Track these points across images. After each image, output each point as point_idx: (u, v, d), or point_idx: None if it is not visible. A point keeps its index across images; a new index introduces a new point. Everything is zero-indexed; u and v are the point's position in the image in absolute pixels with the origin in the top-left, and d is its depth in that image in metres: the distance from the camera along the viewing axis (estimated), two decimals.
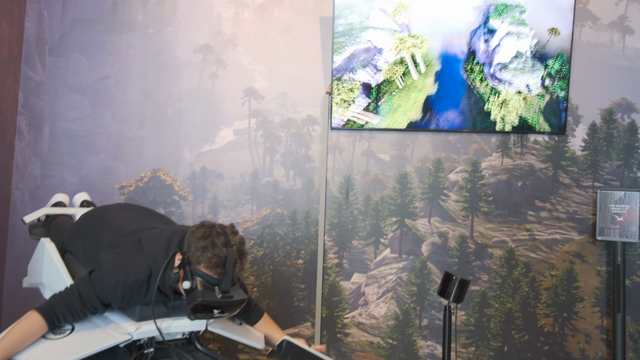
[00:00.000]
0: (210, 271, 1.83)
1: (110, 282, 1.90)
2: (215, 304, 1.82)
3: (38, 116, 3.57)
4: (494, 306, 3.54)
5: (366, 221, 3.60)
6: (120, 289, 1.90)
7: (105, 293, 1.91)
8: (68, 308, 1.88)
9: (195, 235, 1.88)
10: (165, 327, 1.98)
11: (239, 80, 3.64)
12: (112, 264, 1.94)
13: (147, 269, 1.95)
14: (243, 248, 1.93)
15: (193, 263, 1.85)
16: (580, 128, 3.57)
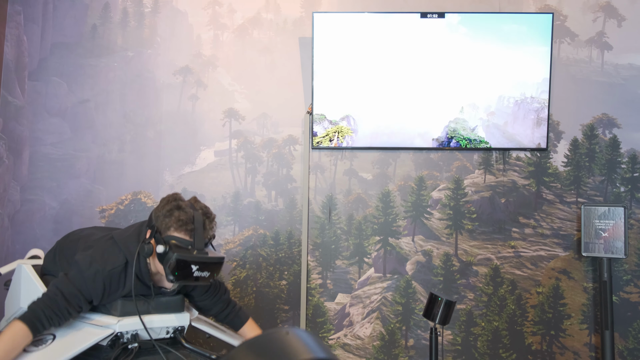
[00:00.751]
0: (181, 232, 1.88)
1: (89, 274, 1.90)
2: (191, 258, 1.84)
3: (17, 140, 3.56)
4: (480, 325, 3.49)
5: (349, 241, 3.57)
6: (99, 278, 1.90)
7: (86, 286, 1.90)
8: (53, 310, 1.85)
9: (160, 206, 1.95)
10: (148, 321, 1.96)
11: (219, 101, 3.63)
12: (89, 259, 1.95)
13: (123, 258, 1.96)
14: (209, 211, 1.99)
15: (163, 231, 1.89)
16: (562, 144, 3.56)
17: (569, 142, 3.55)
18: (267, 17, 3.67)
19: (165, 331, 2.04)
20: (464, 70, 3.42)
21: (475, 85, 3.43)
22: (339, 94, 3.46)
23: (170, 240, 1.86)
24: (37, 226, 3.53)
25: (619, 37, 3.57)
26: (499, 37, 3.40)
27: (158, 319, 2.00)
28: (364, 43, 3.43)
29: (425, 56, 3.43)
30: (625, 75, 3.56)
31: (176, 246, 1.85)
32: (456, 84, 3.43)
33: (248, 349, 1.22)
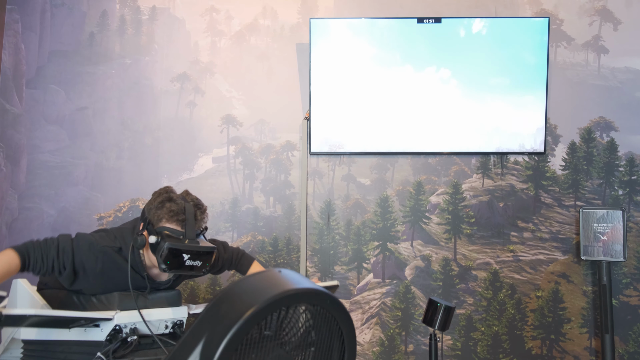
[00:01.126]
0: (172, 222, 1.92)
1: (85, 242, 1.94)
2: (182, 247, 1.87)
3: (15, 148, 3.56)
4: (480, 330, 3.48)
5: (348, 246, 3.57)
6: (93, 249, 1.93)
7: (80, 252, 1.92)
8: (42, 253, 1.89)
9: (152, 199, 2.00)
10: (146, 314, 1.96)
11: (216, 107, 3.64)
12: (86, 234, 2.00)
13: (117, 242, 2.00)
14: (200, 202, 2.04)
15: (155, 222, 1.93)
16: (559, 147, 3.56)
17: (566, 146, 3.55)
18: (264, 24, 3.68)
19: (164, 325, 2.04)
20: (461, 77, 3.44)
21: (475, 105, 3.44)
22: (336, 100, 3.46)
23: (163, 230, 1.90)
24: (35, 234, 3.52)
25: (615, 40, 3.58)
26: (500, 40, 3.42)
27: (156, 313, 2.01)
28: (361, 48, 3.44)
29: (422, 62, 3.44)
30: (622, 78, 3.57)
31: (168, 236, 1.89)
32: (453, 91, 3.44)
33: (245, 282, 1.34)
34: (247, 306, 1.24)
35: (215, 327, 1.23)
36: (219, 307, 1.28)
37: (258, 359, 1.28)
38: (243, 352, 1.23)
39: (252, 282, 1.35)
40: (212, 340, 1.21)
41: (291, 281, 1.36)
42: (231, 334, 1.20)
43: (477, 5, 3.62)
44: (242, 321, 1.21)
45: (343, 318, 1.45)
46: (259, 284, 1.34)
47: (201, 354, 1.21)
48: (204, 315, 1.28)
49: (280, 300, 1.28)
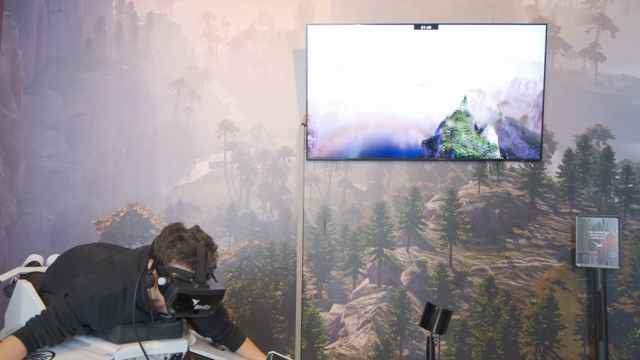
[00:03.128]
0: (183, 264, 1.88)
1: (86, 297, 1.91)
2: (192, 292, 1.84)
3: (14, 154, 3.59)
4: (474, 335, 3.50)
5: (344, 251, 3.58)
6: (96, 303, 1.91)
7: (82, 309, 1.91)
8: (45, 328, 1.88)
9: (162, 236, 1.95)
10: (147, 348, 1.97)
11: (213, 113, 3.65)
12: (87, 282, 1.96)
13: (122, 284, 1.97)
14: (211, 241, 1.99)
15: (165, 262, 1.90)
16: (555, 155, 3.56)
17: (562, 153, 3.55)
18: (260, 30, 3.68)
19: (164, 358, 2.06)
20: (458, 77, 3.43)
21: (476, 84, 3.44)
22: (333, 106, 3.47)
23: (172, 272, 1.87)
24: (33, 238, 3.56)
25: (612, 48, 3.56)
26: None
27: (157, 347, 2.01)
28: (357, 54, 3.43)
29: (419, 67, 3.43)
30: (619, 86, 3.56)
31: (178, 279, 1.86)
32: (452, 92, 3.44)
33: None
34: None
35: None
36: None
37: None
38: None
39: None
40: None
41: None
42: None
43: (473, 12, 3.60)
44: None
45: None
46: None
47: None
48: None
49: None
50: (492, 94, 3.42)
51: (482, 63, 3.41)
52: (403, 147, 3.46)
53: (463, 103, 3.44)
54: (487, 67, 3.41)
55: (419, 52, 3.42)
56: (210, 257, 1.95)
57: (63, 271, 2.31)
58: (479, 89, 3.41)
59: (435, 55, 3.42)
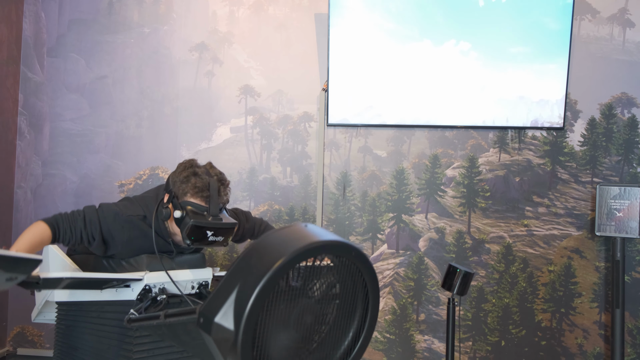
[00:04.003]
0: (197, 198, 1.96)
1: (109, 214, 2.03)
2: (206, 224, 1.93)
3: (38, 116, 3.63)
4: (491, 301, 3.54)
5: (363, 217, 3.61)
6: (119, 220, 2.03)
7: (106, 223, 2.02)
8: (70, 226, 1.98)
9: (177, 171, 2.03)
10: (173, 276, 2.05)
11: (234, 78, 3.65)
12: (110, 204, 2.09)
13: (141, 211, 2.08)
14: (223, 177, 2.08)
15: (180, 196, 1.98)
16: (579, 123, 3.52)
17: (586, 122, 3.52)
18: None
19: (191, 286, 2.13)
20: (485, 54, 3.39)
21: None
22: (355, 71, 3.45)
23: (187, 206, 1.95)
24: (58, 200, 3.63)
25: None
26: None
27: (183, 274, 2.09)
28: (379, 22, 3.40)
29: (441, 35, 3.39)
30: None
31: (192, 212, 1.94)
32: (473, 63, 3.40)
33: (273, 235, 1.41)
34: (276, 258, 1.30)
35: (247, 277, 1.30)
36: (249, 259, 1.35)
37: (286, 309, 1.36)
38: (273, 302, 1.31)
39: (280, 235, 1.41)
40: (245, 290, 1.28)
41: (317, 234, 1.42)
42: (262, 284, 1.27)
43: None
44: (271, 272, 1.28)
45: (367, 270, 1.51)
46: (287, 237, 1.40)
47: (235, 301, 1.29)
48: (236, 267, 1.36)
49: (306, 252, 1.34)
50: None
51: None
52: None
53: None
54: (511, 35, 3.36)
55: (443, 11, 3.38)
56: (222, 192, 2.03)
57: None
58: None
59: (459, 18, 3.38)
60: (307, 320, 1.44)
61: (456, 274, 2.50)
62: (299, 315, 1.42)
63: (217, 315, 1.32)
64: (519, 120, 3.44)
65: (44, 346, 3.62)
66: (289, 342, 1.42)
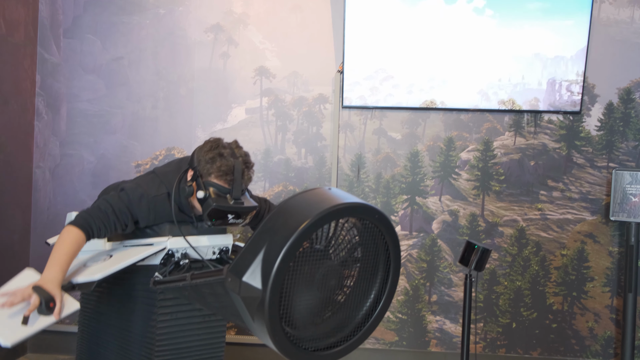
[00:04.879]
0: (221, 180, 1.98)
1: (135, 196, 2.05)
2: (228, 209, 1.96)
3: (55, 97, 3.66)
4: (503, 284, 3.57)
5: (377, 199, 3.63)
6: (144, 202, 2.05)
7: (132, 206, 2.05)
8: (103, 222, 2.01)
9: (203, 150, 2.04)
10: (193, 241, 2.11)
11: (250, 59, 3.64)
12: (134, 184, 2.11)
13: (165, 188, 2.10)
14: (248, 159, 2.09)
15: (204, 175, 2.00)
16: (596, 107, 3.49)
17: (603, 106, 3.48)
18: None
19: (212, 252, 2.18)
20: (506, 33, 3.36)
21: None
22: (370, 53, 3.44)
23: (210, 187, 1.97)
24: (76, 180, 3.68)
25: None
26: None
27: (204, 239, 2.14)
28: (397, 2, 3.37)
29: (464, 12, 3.36)
30: None
31: (215, 194, 1.96)
32: (488, 22, 3.37)
33: (298, 197, 1.45)
34: (301, 219, 1.35)
35: (274, 238, 1.35)
36: (276, 220, 1.38)
37: (310, 270, 1.41)
38: (298, 263, 1.34)
39: (305, 198, 1.45)
40: (272, 250, 1.33)
41: (340, 197, 1.44)
42: (288, 245, 1.32)
43: None
44: (297, 234, 1.32)
45: (389, 233, 1.54)
46: (311, 199, 1.43)
47: (262, 261, 1.33)
48: (263, 227, 1.40)
49: (330, 214, 1.38)
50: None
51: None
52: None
53: None
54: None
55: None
56: (246, 175, 2.05)
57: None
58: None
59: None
60: (330, 282, 1.49)
61: (474, 250, 2.54)
62: (323, 277, 1.46)
63: (245, 275, 1.36)
64: (534, 77, 3.40)
65: (63, 321, 3.70)
66: (312, 303, 1.47)
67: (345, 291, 1.56)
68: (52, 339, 3.69)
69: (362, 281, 1.57)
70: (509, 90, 3.42)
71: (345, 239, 1.49)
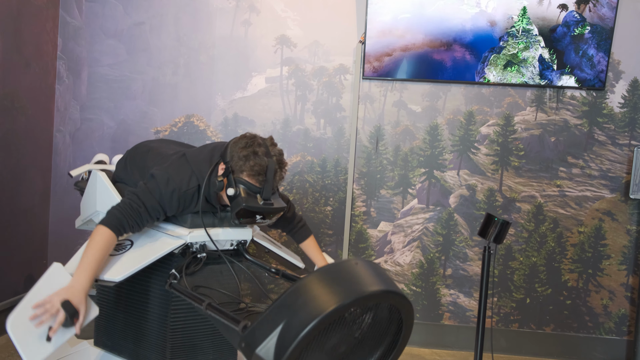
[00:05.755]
0: (252, 179, 1.95)
1: (167, 191, 2.02)
2: (257, 209, 1.94)
3: (76, 61, 3.66)
4: (518, 259, 3.57)
5: (395, 171, 3.63)
6: (175, 197, 2.03)
7: (164, 202, 2.03)
8: (135, 219, 1.99)
9: (238, 146, 2.00)
10: (214, 234, 2.12)
11: (271, 27, 3.62)
12: (166, 175, 2.06)
13: (196, 181, 2.07)
14: (282, 159, 2.05)
15: (236, 172, 1.97)
16: (620, 84, 3.45)
17: (628, 83, 3.44)
18: None
19: (230, 244, 2.19)
20: None
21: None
22: (392, 23, 3.41)
23: (241, 184, 1.94)
24: (96, 144, 3.70)
25: None
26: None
27: (223, 232, 2.14)
28: None
29: None
30: None
31: (246, 193, 1.94)
32: None
33: (325, 275, 1.40)
34: (323, 307, 1.32)
35: (292, 319, 1.32)
36: (297, 297, 1.36)
37: (324, 339, 1.40)
38: (312, 343, 1.34)
39: (330, 277, 1.39)
40: (288, 332, 1.31)
41: (366, 280, 1.41)
42: (305, 332, 1.29)
43: None
44: (315, 322, 1.30)
45: (408, 318, 1.52)
46: (336, 280, 1.39)
47: (277, 340, 1.33)
48: (283, 302, 1.36)
49: (355, 302, 1.35)
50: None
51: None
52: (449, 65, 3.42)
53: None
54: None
55: None
56: (279, 175, 2.02)
57: (133, 163, 2.42)
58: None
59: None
60: (340, 350, 1.48)
61: (493, 222, 2.55)
62: (335, 345, 1.45)
63: (258, 347, 1.36)
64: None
65: None
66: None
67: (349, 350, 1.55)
68: None
69: (366, 346, 1.56)
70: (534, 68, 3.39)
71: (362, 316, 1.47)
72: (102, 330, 2.36)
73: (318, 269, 1.43)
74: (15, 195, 3.34)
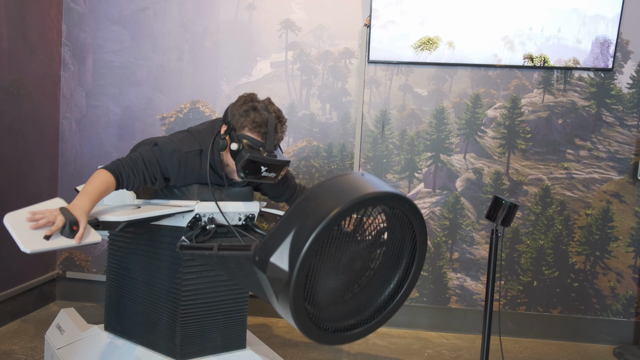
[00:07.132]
0: (254, 133, 2.01)
1: (167, 151, 2.08)
2: (261, 160, 2.00)
3: (81, 47, 3.66)
4: (525, 242, 3.57)
5: (401, 155, 3.62)
6: (175, 157, 2.08)
7: (164, 161, 2.08)
8: (132, 170, 2.03)
9: (237, 104, 2.07)
10: (222, 206, 2.13)
11: (275, 12, 3.60)
12: (167, 139, 2.13)
13: (198, 145, 2.13)
14: (281, 114, 2.12)
15: (238, 129, 2.02)
16: (629, 65, 3.41)
17: (637, 63, 3.40)
18: None
19: (238, 218, 2.20)
20: None
21: None
22: (397, 7, 3.38)
23: (244, 139, 1.99)
24: (102, 131, 3.70)
25: None
26: None
27: (232, 205, 2.16)
28: None
29: None
30: None
31: (249, 146, 1.99)
32: None
33: (331, 182, 1.45)
34: (333, 206, 1.35)
35: (304, 222, 1.35)
36: (307, 203, 1.39)
37: (337, 253, 1.42)
38: (326, 247, 1.37)
39: (338, 183, 1.44)
40: (301, 234, 1.34)
41: (373, 184, 1.45)
42: (317, 231, 1.32)
43: None
44: (327, 220, 1.33)
45: (418, 222, 1.55)
46: (344, 185, 1.44)
47: (291, 244, 1.35)
48: (294, 209, 1.41)
49: (362, 202, 1.38)
50: None
51: None
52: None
53: None
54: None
55: None
56: (279, 129, 2.08)
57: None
58: None
59: None
60: (356, 266, 1.50)
61: (501, 205, 2.54)
62: (349, 260, 1.47)
63: (272, 255, 1.38)
64: (571, 31, 3.33)
65: (90, 270, 3.79)
66: (336, 285, 1.48)
67: (369, 274, 1.57)
68: (81, 287, 3.78)
69: (385, 266, 1.58)
70: (540, 42, 3.36)
71: (374, 224, 1.49)
72: (112, 315, 2.38)
73: (326, 179, 1.47)
74: (23, 182, 3.35)
